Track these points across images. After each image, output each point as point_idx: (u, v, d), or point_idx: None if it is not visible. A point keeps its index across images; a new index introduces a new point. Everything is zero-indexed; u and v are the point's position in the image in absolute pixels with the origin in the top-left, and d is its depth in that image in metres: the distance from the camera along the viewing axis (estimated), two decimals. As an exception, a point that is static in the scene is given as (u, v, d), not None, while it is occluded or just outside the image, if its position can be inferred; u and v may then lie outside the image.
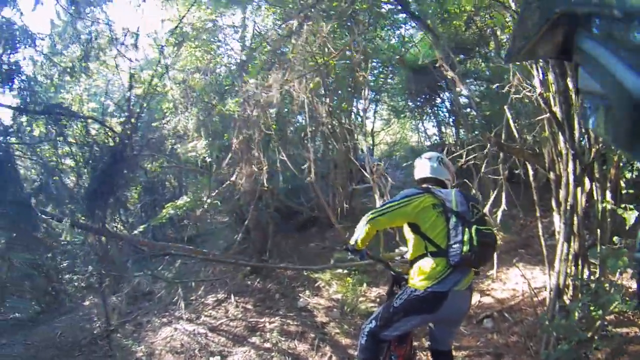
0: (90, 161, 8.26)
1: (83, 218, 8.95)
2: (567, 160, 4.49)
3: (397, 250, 4.25)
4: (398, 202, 3.42)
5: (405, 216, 3.41)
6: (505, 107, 6.36)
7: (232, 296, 7.33)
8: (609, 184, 5.25)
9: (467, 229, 3.23)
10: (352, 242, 3.51)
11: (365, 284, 7.27)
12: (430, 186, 3.59)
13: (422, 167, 3.79)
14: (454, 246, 3.23)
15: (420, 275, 3.34)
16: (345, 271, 7.55)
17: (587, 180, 4.50)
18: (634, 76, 0.65)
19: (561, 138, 4.58)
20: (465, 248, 3.17)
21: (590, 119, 0.86)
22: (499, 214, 6.46)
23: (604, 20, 0.76)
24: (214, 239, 10.51)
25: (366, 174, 7.33)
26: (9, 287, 8.54)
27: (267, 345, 5.87)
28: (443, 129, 14.42)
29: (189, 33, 8.77)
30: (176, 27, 8.32)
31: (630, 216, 4.35)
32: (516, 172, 7.01)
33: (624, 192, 5.19)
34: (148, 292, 8.25)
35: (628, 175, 5.48)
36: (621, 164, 5.22)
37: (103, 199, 7.84)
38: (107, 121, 8.90)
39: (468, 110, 11.17)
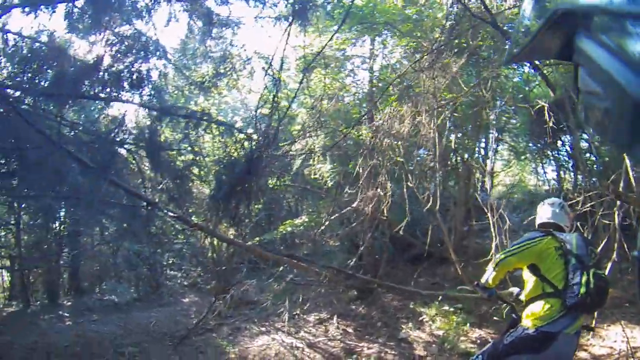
0: (224, 166, 8.72)
1: (203, 220, 9.49)
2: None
3: (509, 290, 4.40)
4: (525, 243, 3.61)
5: (532, 257, 3.57)
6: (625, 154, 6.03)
7: (335, 317, 7.43)
8: None
9: (585, 272, 3.35)
10: (483, 280, 3.71)
11: (468, 324, 7.16)
12: (551, 230, 3.73)
13: (544, 212, 3.99)
14: (571, 289, 3.36)
15: (534, 315, 3.49)
16: (452, 309, 7.49)
17: None
18: (633, 76, 0.66)
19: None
20: (583, 290, 3.28)
21: (591, 119, 0.86)
22: (609, 265, 6.11)
23: (604, 20, 0.77)
24: (325, 261, 10.70)
25: (486, 211, 7.12)
26: (112, 272, 9.24)
27: (363, 370, 5.91)
28: (562, 174, 13.72)
29: (320, 61, 9.11)
30: (313, 57, 8.65)
31: None
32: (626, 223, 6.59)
33: None
34: (253, 302, 8.53)
35: None
36: None
37: (230, 205, 8.24)
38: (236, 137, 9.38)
39: (588, 155, 10.58)
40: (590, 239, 4.95)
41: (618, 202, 6.26)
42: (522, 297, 3.79)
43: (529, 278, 3.65)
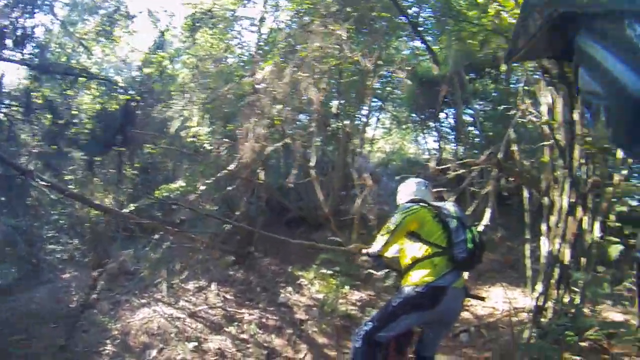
0: (99, 120, 8.19)
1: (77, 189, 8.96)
2: (564, 187, 4.60)
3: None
4: (405, 211, 3.71)
5: (415, 223, 3.68)
6: (509, 130, 6.48)
7: (214, 284, 7.34)
8: (599, 216, 5.38)
9: (468, 230, 3.63)
10: (374, 250, 3.79)
11: (347, 287, 7.28)
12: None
13: (410, 189, 4.14)
14: (459, 246, 3.57)
15: (421, 274, 3.54)
16: (329, 272, 7.56)
17: (579, 210, 4.59)
18: (633, 76, 0.68)
19: (560, 166, 4.69)
20: (470, 245, 3.54)
21: (590, 119, 0.87)
22: (480, 228, 6.57)
23: (604, 20, 0.78)
24: (202, 226, 10.49)
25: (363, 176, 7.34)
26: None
27: (244, 336, 5.89)
28: (443, 144, 14.45)
29: (207, 19, 8.79)
30: (194, 13, 8.32)
31: (615, 250, 4.47)
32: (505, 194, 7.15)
33: (612, 225, 5.32)
34: (131, 272, 8.23)
35: (619, 208, 5.61)
36: (614, 199, 5.34)
37: (105, 164, 7.80)
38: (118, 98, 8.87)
39: (471, 128, 11.25)
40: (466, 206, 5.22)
41: (494, 172, 6.71)
42: (407, 261, 3.76)
43: (408, 246, 3.74)
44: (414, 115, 14.63)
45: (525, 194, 5.88)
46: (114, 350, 5.61)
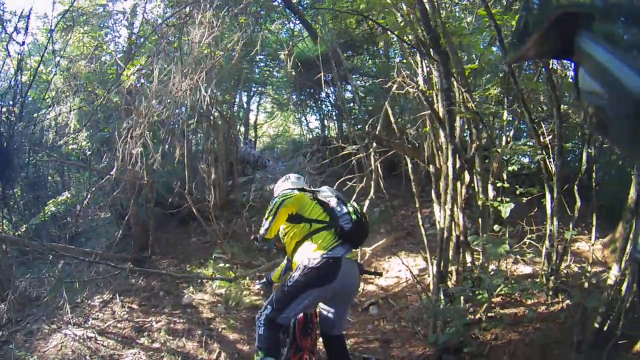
0: None
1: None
2: (447, 154, 4.77)
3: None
4: (283, 196, 3.79)
5: (294, 206, 3.77)
6: (386, 102, 6.63)
7: (118, 296, 7.00)
8: (491, 177, 5.67)
9: (348, 204, 3.85)
10: (261, 232, 3.78)
11: (248, 278, 7.22)
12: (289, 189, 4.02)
13: (287, 184, 4.24)
14: (343, 218, 3.73)
15: (310, 249, 3.61)
16: (227, 265, 7.50)
17: (467, 174, 4.79)
18: (634, 76, 0.66)
19: (442, 133, 4.86)
20: (354, 217, 3.72)
21: (590, 119, 0.85)
22: (366, 202, 6.73)
23: (604, 19, 0.77)
24: (96, 236, 9.98)
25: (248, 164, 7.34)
26: None
27: (156, 345, 5.64)
28: (326, 123, 14.66)
29: (79, 18, 8.23)
30: (67, 10, 7.73)
31: (506, 209, 4.72)
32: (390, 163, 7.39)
33: (501, 185, 5.63)
34: (36, 297, 7.66)
35: (511, 168, 5.96)
36: (504, 159, 5.66)
37: None
38: None
39: (352, 104, 11.46)
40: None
41: (374, 146, 6.89)
42: (294, 244, 3.82)
43: (290, 229, 3.80)
44: (294, 97, 14.68)
45: (410, 163, 6.04)
46: None
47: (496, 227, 5.09)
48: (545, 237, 4.89)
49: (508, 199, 4.86)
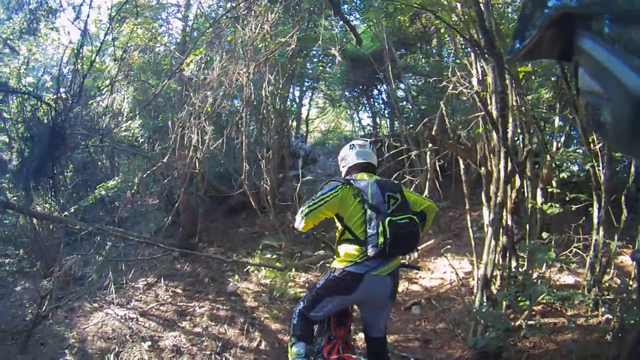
0: (27, 138, 7.75)
1: (15, 198, 8.56)
2: (499, 157, 4.70)
3: None
4: (327, 194, 3.59)
5: (334, 207, 3.60)
6: (441, 102, 6.57)
7: (162, 280, 7.21)
8: (540, 183, 5.56)
9: (380, 222, 3.41)
10: (297, 226, 3.67)
11: (294, 269, 7.31)
12: (351, 177, 3.77)
13: (351, 155, 3.96)
14: (370, 239, 3.41)
15: (340, 258, 3.59)
16: (274, 256, 7.58)
17: (517, 178, 4.72)
18: (634, 76, 0.66)
19: (495, 136, 4.79)
20: (381, 240, 3.35)
21: (590, 119, 0.86)
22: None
23: (604, 19, 0.76)
24: (144, 222, 10.25)
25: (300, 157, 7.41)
26: None
27: (198, 329, 5.80)
28: (378, 120, 14.60)
29: (132, 9, 8.45)
30: (126, 1, 7.96)
31: (554, 210, 4.64)
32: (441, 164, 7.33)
33: (553, 190, 5.52)
34: (80, 277, 7.96)
35: (561, 175, 5.82)
36: (554, 165, 5.53)
37: (39, 179, 7.41)
38: (45, 97, 8.38)
39: (404, 103, 11.39)
40: (398, 182, 5.06)
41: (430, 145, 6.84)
42: (337, 241, 3.80)
43: (338, 224, 3.73)
44: (347, 93, 14.69)
45: (462, 165, 5.98)
46: None
47: (543, 235, 5.00)
48: (590, 247, 4.78)
49: (557, 205, 4.78)
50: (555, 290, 4.48)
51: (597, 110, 0.80)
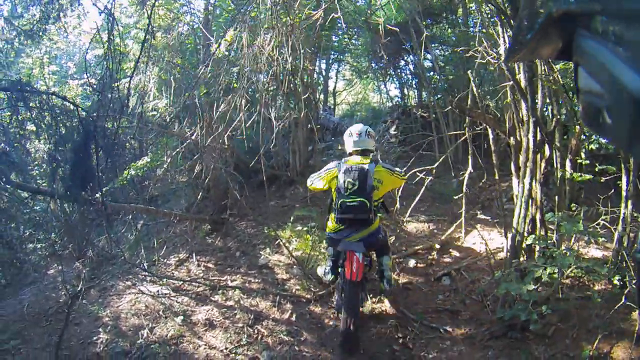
0: (56, 137, 7.81)
1: (45, 184, 8.70)
2: (529, 127, 4.64)
3: None
4: (324, 172, 5.08)
5: (326, 182, 5.00)
6: (469, 72, 6.47)
7: (194, 255, 7.33)
8: (569, 154, 5.47)
9: (339, 202, 4.71)
10: (308, 184, 5.34)
11: (325, 241, 7.30)
12: (344, 160, 5.03)
13: (348, 142, 5.16)
14: (336, 211, 4.81)
15: (328, 225, 5.15)
16: (305, 228, 7.57)
17: (547, 148, 4.65)
18: (634, 76, 0.65)
19: (523, 105, 4.72)
20: (339, 216, 4.75)
21: (590, 119, 0.85)
22: (466, 177, 6.66)
23: (604, 19, 0.75)
24: (175, 199, 10.37)
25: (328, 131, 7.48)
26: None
27: (230, 303, 5.89)
28: (405, 91, 14.44)
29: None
30: None
31: (583, 179, 4.57)
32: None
33: (582, 162, 5.42)
34: (112, 256, 8.14)
35: (590, 147, 5.71)
36: (583, 136, 5.43)
37: (76, 176, 7.48)
38: (70, 86, 8.45)
39: (432, 74, 11.24)
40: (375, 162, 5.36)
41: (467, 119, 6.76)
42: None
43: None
44: (373, 64, 14.54)
45: (491, 135, 5.91)
46: (107, 338, 5.52)
47: (573, 206, 4.92)
48: (618, 221, 4.70)
49: (588, 176, 4.70)
50: (582, 264, 4.42)
51: (597, 110, 0.80)
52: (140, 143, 12.22)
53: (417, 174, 7.01)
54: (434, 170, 7.36)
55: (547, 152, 4.66)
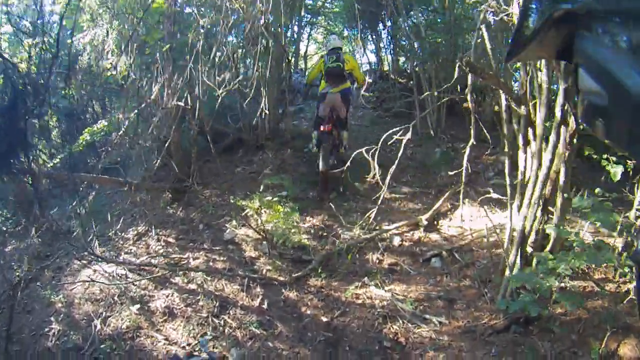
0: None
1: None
2: (548, 95, 4.08)
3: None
4: (315, 64, 8.85)
5: (319, 68, 8.03)
6: (483, 27, 5.73)
7: (153, 229, 6.62)
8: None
9: (325, 68, 7.70)
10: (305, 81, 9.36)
11: (297, 214, 6.69)
12: (327, 55, 7.89)
13: (329, 44, 8.25)
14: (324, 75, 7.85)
15: (321, 86, 7.94)
16: (276, 198, 6.91)
17: (572, 120, 4.04)
18: (634, 76, 0.65)
19: (544, 70, 4.15)
20: (326, 77, 7.70)
21: (590, 119, 0.83)
22: (467, 149, 6.07)
23: (604, 19, 0.76)
24: (137, 166, 9.57)
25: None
26: None
27: (192, 286, 5.29)
28: (382, 55, 13.87)
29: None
30: None
31: (617, 172, 4.20)
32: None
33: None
34: (67, 231, 7.34)
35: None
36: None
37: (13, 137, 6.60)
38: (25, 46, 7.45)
39: (411, 39, 10.59)
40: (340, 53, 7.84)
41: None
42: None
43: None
44: (347, 29, 14.01)
45: (504, 101, 5.24)
46: (59, 329, 4.88)
47: (597, 191, 4.37)
48: (632, 207, 4.34)
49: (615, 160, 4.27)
50: (590, 252, 3.94)
51: (597, 111, 0.79)
52: (102, 106, 11.35)
53: (394, 135, 6.04)
54: (412, 133, 6.64)
55: (572, 125, 4.04)
